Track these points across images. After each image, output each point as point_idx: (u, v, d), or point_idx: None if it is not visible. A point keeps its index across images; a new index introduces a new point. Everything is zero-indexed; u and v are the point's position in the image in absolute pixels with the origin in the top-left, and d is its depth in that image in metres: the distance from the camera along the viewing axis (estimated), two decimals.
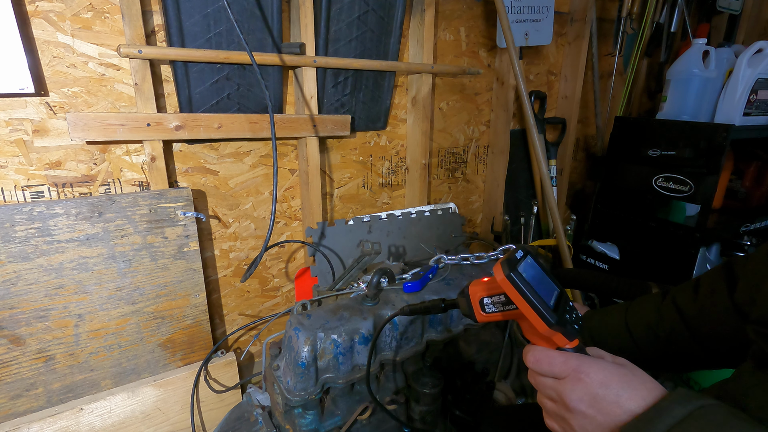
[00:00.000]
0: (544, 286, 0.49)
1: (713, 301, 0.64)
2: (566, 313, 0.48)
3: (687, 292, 0.68)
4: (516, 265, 0.47)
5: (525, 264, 0.49)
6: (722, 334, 0.63)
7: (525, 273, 0.47)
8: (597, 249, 1.79)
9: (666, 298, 0.72)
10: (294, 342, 0.87)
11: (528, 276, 0.47)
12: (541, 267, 0.51)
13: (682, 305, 0.68)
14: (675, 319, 0.68)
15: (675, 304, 0.69)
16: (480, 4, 1.51)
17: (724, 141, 1.37)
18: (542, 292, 0.47)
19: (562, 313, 0.47)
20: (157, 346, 1.08)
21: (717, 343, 0.64)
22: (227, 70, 1.06)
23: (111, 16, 0.93)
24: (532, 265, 0.50)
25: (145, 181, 1.05)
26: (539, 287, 0.47)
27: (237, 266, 1.25)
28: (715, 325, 0.63)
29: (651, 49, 1.98)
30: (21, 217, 0.86)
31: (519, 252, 0.51)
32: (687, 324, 0.67)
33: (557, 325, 0.45)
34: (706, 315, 0.65)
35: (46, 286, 0.92)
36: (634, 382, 0.44)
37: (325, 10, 1.14)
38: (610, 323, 0.78)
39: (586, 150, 2.12)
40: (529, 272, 0.48)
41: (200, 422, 1.12)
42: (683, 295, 0.69)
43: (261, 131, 1.11)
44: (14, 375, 0.92)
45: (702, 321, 0.65)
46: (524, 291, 0.46)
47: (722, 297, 0.63)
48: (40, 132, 0.91)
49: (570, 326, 0.46)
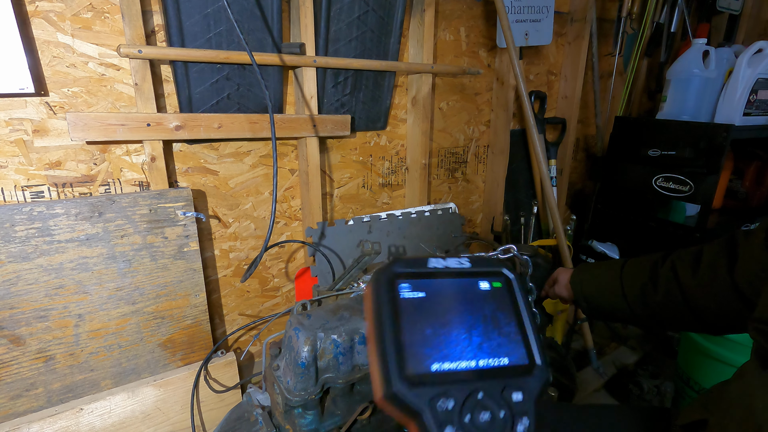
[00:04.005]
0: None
1: (712, 276, 0.63)
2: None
3: (687, 262, 0.67)
4: (390, 284, 0.31)
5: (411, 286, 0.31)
6: (718, 308, 0.62)
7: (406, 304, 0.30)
8: (597, 249, 1.79)
9: (666, 262, 0.71)
10: (294, 342, 0.87)
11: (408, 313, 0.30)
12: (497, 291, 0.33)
13: (681, 274, 0.67)
14: (672, 287, 0.68)
15: (674, 271, 0.68)
16: (480, 4, 1.51)
17: (724, 141, 1.37)
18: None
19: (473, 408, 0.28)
20: (157, 346, 1.08)
21: (712, 316, 0.64)
22: (227, 70, 1.06)
23: (111, 16, 0.93)
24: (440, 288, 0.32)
25: (145, 181, 1.05)
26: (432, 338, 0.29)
27: (237, 266, 1.25)
28: (712, 299, 0.63)
29: (651, 49, 1.98)
30: (21, 217, 0.86)
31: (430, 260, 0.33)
32: (684, 294, 0.66)
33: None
34: (704, 288, 0.64)
35: (46, 286, 0.92)
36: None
37: (325, 10, 1.14)
38: (603, 280, 0.76)
39: (586, 150, 2.12)
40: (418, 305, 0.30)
41: (200, 422, 1.12)
42: (683, 265, 0.68)
43: (261, 131, 1.11)
44: (14, 375, 0.92)
45: (699, 293, 0.65)
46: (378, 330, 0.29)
47: (722, 273, 0.62)
48: (40, 132, 0.91)
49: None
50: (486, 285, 0.33)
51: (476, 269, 0.33)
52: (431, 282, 0.32)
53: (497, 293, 0.33)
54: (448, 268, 0.32)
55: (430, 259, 0.32)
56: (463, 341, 0.30)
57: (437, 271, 0.32)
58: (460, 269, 0.33)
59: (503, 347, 0.31)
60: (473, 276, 0.33)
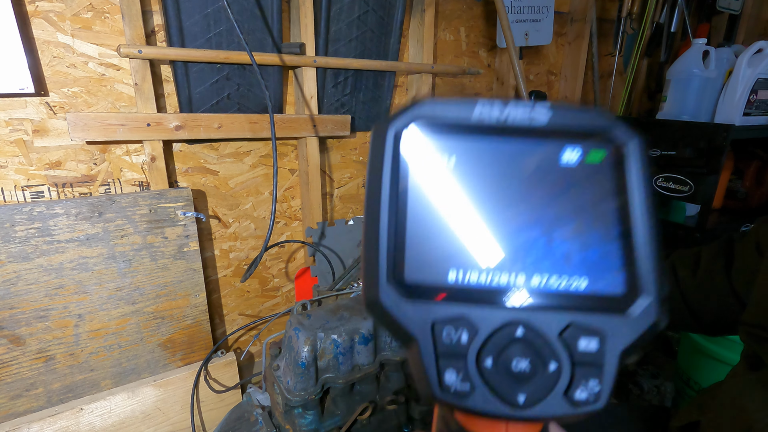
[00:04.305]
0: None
1: (710, 278, 0.64)
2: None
3: (687, 264, 0.68)
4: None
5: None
6: (717, 310, 0.63)
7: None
8: None
9: (666, 263, 0.71)
10: (294, 342, 0.87)
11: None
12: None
13: (681, 275, 0.68)
14: (672, 288, 0.68)
15: (674, 272, 0.69)
16: (480, 4, 1.51)
17: (724, 141, 1.37)
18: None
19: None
20: (157, 346, 1.08)
21: (711, 317, 0.64)
22: (227, 70, 1.06)
23: (111, 16, 0.93)
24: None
25: (145, 181, 1.05)
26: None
27: (237, 266, 1.25)
28: (711, 300, 0.63)
29: (651, 49, 1.98)
30: (21, 217, 0.86)
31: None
32: (683, 295, 0.67)
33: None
34: (702, 290, 0.65)
35: (46, 286, 0.92)
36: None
37: (325, 10, 1.14)
38: None
39: None
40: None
41: (200, 422, 1.12)
42: (683, 266, 0.68)
43: (261, 131, 1.11)
44: (14, 375, 0.92)
45: (698, 295, 0.65)
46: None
47: (719, 274, 0.62)
48: (40, 132, 0.91)
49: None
50: (574, 155, 0.19)
51: (560, 127, 0.19)
52: (473, 143, 0.19)
53: (594, 172, 0.19)
54: (508, 123, 0.19)
55: (478, 102, 0.19)
56: (513, 243, 0.18)
57: (487, 125, 0.19)
58: (529, 126, 0.19)
59: (585, 262, 0.18)
60: (553, 138, 0.19)
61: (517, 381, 0.17)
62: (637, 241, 0.18)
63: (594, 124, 0.19)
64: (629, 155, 0.19)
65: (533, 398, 0.17)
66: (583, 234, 0.18)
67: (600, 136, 0.19)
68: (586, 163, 0.19)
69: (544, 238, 0.18)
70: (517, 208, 0.19)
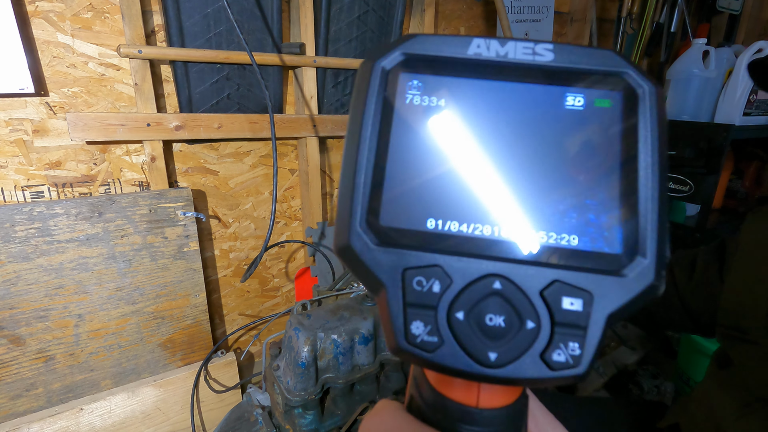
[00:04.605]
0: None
1: (705, 280, 0.64)
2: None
3: (684, 266, 0.68)
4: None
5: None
6: (713, 312, 0.63)
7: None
8: None
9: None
10: (294, 342, 0.87)
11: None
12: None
13: (678, 278, 0.68)
14: (670, 290, 0.68)
15: (672, 274, 0.69)
16: (480, 4, 1.51)
17: (724, 141, 1.37)
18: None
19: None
20: (157, 346, 1.08)
21: (707, 319, 0.65)
22: (227, 70, 1.06)
23: (111, 16, 0.93)
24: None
25: (145, 181, 1.05)
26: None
27: (237, 266, 1.25)
28: (706, 302, 0.64)
29: (651, 49, 1.98)
30: (21, 217, 0.86)
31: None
32: (681, 297, 0.67)
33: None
34: (699, 293, 0.65)
35: (46, 286, 0.92)
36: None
37: (325, 10, 1.14)
38: None
39: None
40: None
41: (200, 422, 1.12)
42: (680, 269, 0.68)
43: (261, 131, 1.11)
44: (14, 375, 0.92)
45: (695, 298, 0.65)
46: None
47: (714, 277, 0.63)
48: (40, 132, 0.91)
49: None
50: (579, 100, 0.17)
51: (566, 65, 0.17)
52: (466, 83, 0.17)
53: (601, 118, 0.17)
54: (507, 60, 0.17)
55: (474, 38, 0.17)
56: (501, 193, 0.17)
57: (483, 62, 0.17)
58: (532, 63, 0.17)
59: (580, 216, 0.16)
60: (556, 80, 0.17)
61: (490, 337, 0.16)
62: (641, 198, 0.16)
63: (604, 66, 0.17)
64: (641, 103, 0.17)
65: (506, 357, 0.16)
66: (581, 186, 0.17)
67: (610, 79, 0.17)
68: (595, 106, 0.17)
69: (537, 188, 0.17)
70: (511, 155, 0.17)
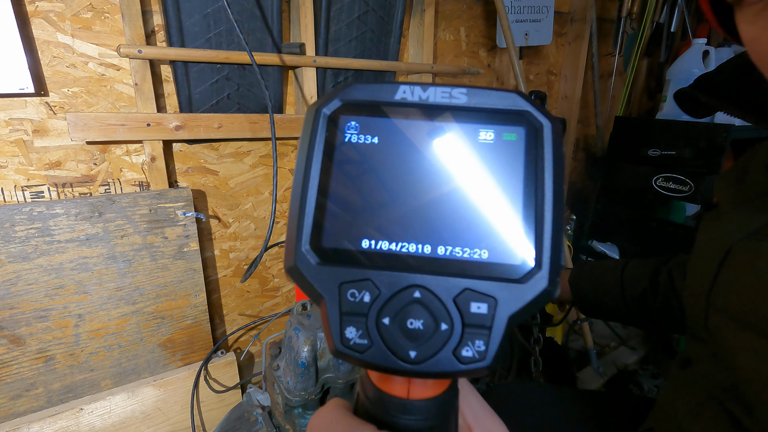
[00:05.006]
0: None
1: None
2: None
3: (682, 269, 0.68)
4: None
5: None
6: None
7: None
8: (597, 249, 1.79)
9: (664, 269, 0.71)
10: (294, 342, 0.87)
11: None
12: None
13: (677, 282, 0.68)
14: (669, 293, 0.68)
15: (671, 278, 0.69)
16: (480, 4, 1.51)
17: (724, 141, 1.37)
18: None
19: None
20: (157, 346, 1.08)
21: None
22: (227, 70, 1.06)
23: (111, 16, 0.93)
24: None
25: (145, 181, 1.05)
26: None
27: (237, 266, 1.25)
28: None
29: (651, 49, 1.98)
30: (21, 217, 0.86)
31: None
32: (679, 301, 0.67)
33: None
34: None
35: (46, 286, 0.92)
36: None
37: (325, 10, 1.14)
38: (603, 282, 0.76)
39: (586, 150, 2.12)
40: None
41: (200, 422, 1.12)
42: (679, 272, 0.68)
43: (261, 131, 1.11)
44: (14, 375, 0.92)
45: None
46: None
47: None
48: (40, 132, 0.91)
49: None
50: (489, 135, 0.20)
51: (478, 106, 0.20)
52: (395, 122, 0.21)
53: (507, 150, 0.20)
54: (428, 103, 0.21)
55: (401, 85, 0.21)
56: (425, 215, 0.20)
57: (409, 104, 0.21)
58: (449, 105, 0.21)
59: (488, 233, 0.20)
60: (470, 118, 0.21)
61: (411, 339, 0.19)
62: (538, 218, 0.19)
63: (512, 106, 0.21)
64: (543, 136, 0.20)
65: (424, 355, 0.19)
66: (490, 208, 0.20)
67: (515, 117, 0.20)
68: (503, 140, 0.20)
69: (454, 210, 0.20)
70: (434, 183, 0.20)
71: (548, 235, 0.19)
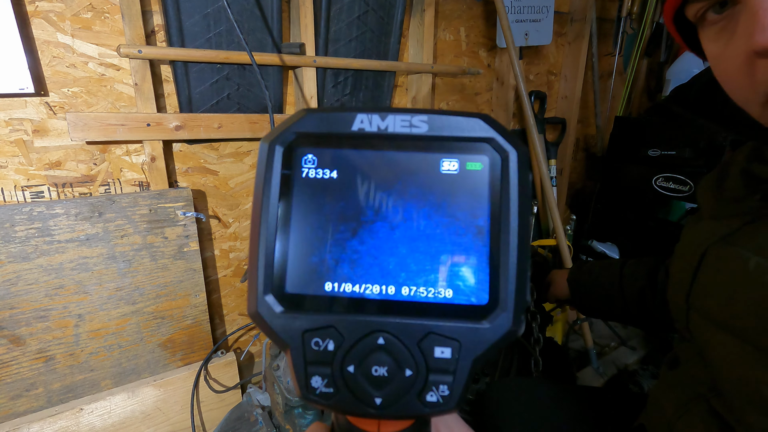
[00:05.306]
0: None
1: None
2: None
3: None
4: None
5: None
6: None
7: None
8: (597, 249, 1.79)
9: (661, 267, 0.72)
10: None
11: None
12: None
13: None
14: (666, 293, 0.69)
15: (668, 276, 0.69)
16: (480, 4, 1.51)
17: (724, 141, 1.37)
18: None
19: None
20: (157, 346, 1.08)
21: None
22: (227, 70, 1.06)
23: (111, 16, 0.93)
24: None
25: (145, 181, 1.05)
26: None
27: (237, 266, 1.25)
28: None
29: (651, 49, 1.98)
30: (21, 217, 0.86)
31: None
32: None
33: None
34: None
35: (46, 286, 0.92)
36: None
37: (325, 10, 1.14)
38: (602, 282, 0.77)
39: (586, 150, 2.12)
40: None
41: (200, 422, 1.12)
42: None
43: (261, 131, 1.11)
44: (14, 375, 0.92)
45: None
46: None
47: None
48: (40, 132, 0.91)
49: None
50: (453, 165, 0.19)
51: (440, 135, 0.19)
52: (354, 154, 0.20)
53: (472, 181, 0.19)
54: (387, 133, 0.19)
55: (358, 114, 0.19)
56: (388, 255, 0.19)
57: (367, 135, 0.19)
58: (409, 134, 0.19)
59: (453, 274, 0.19)
60: (432, 148, 0.19)
61: (376, 386, 0.19)
62: (502, 256, 0.19)
63: (475, 134, 0.19)
64: (507, 167, 0.19)
65: (389, 400, 0.19)
66: (454, 245, 0.19)
67: (479, 145, 0.19)
68: (467, 170, 0.19)
69: (418, 248, 0.19)
70: (397, 220, 0.19)
71: (512, 273, 0.19)
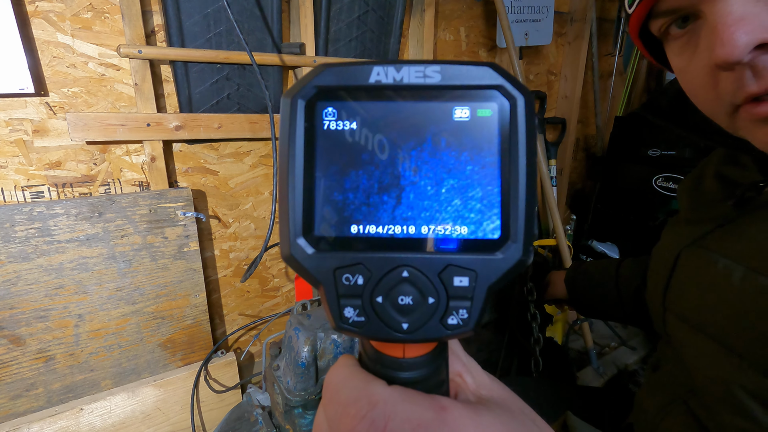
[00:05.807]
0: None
1: None
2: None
3: None
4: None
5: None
6: None
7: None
8: (597, 249, 1.79)
9: None
10: (294, 342, 0.87)
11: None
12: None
13: None
14: None
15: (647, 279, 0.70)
16: (480, 4, 1.51)
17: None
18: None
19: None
20: (157, 346, 1.08)
21: None
22: (227, 70, 1.06)
23: (111, 16, 0.93)
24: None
25: (145, 181, 1.05)
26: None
27: (237, 266, 1.25)
28: None
29: None
30: (21, 217, 0.86)
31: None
32: None
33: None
34: None
35: (46, 286, 0.92)
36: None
37: (325, 10, 1.14)
38: (599, 281, 0.77)
39: (586, 150, 2.12)
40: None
41: (200, 422, 1.12)
42: None
43: (261, 131, 1.11)
44: (14, 375, 0.92)
45: None
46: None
47: None
48: (40, 132, 0.91)
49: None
50: (464, 112, 0.21)
51: (451, 84, 0.21)
52: (372, 105, 0.21)
53: (482, 127, 0.21)
54: (403, 84, 0.21)
55: (375, 67, 0.21)
56: (406, 197, 0.21)
57: (383, 86, 0.21)
58: (423, 84, 0.21)
59: (468, 212, 0.21)
60: (444, 96, 0.21)
61: (402, 313, 0.21)
62: (512, 193, 0.21)
63: (483, 80, 0.21)
64: (517, 112, 0.21)
65: (415, 325, 0.21)
66: (468, 186, 0.21)
67: (488, 92, 0.21)
68: (478, 116, 0.21)
69: (434, 190, 0.21)
70: (414, 165, 0.21)
71: (522, 208, 0.21)
